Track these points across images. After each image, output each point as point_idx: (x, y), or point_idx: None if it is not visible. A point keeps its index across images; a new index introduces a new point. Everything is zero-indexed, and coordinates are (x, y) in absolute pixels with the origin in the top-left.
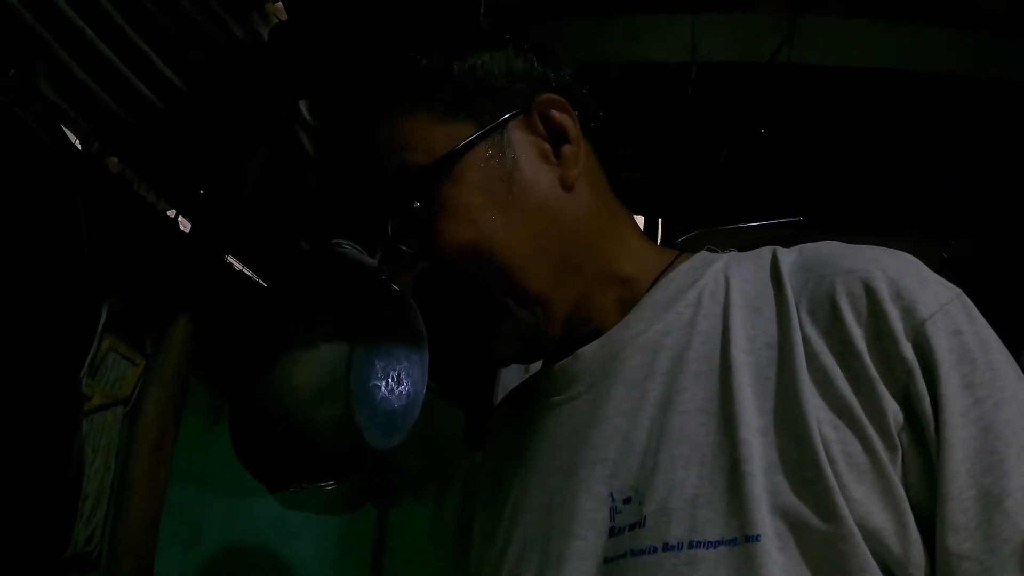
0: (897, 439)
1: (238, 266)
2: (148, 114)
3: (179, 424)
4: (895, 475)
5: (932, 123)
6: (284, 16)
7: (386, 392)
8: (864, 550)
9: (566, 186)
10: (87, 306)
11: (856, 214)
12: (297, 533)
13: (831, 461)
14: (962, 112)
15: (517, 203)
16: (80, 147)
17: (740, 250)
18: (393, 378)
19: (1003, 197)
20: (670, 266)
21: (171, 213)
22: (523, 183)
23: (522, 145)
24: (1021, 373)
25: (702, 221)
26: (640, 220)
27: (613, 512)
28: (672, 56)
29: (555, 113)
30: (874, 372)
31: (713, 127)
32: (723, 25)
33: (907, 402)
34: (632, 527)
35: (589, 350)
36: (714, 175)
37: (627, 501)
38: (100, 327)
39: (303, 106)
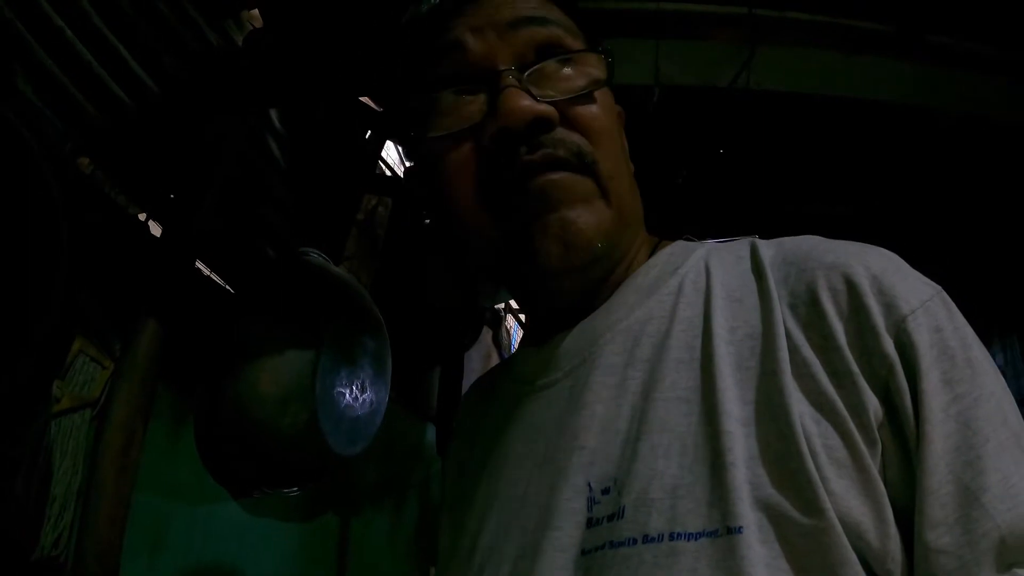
0: (877, 434)
1: (206, 272)
2: (122, 117)
3: (146, 428)
4: (875, 469)
5: (884, 150)
6: (259, 23)
7: (350, 399)
8: (845, 543)
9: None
10: (65, 302)
11: (811, 233)
12: (261, 542)
13: (812, 455)
14: (914, 141)
15: (623, 142)
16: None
17: None
18: (357, 386)
19: (955, 229)
20: (652, 252)
21: (141, 216)
22: (622, 134)
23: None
24: (998, 371)
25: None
26: None
27: (591, 502)
28: (636, 79)
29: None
30: (855, 367)
31: (672, 148)
32: (685, 51)
33: (887, 397)
34: (610, 518)
35: (568, 336)
36: (671, 194)
37: (605, 491)
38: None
39: (273, 114)
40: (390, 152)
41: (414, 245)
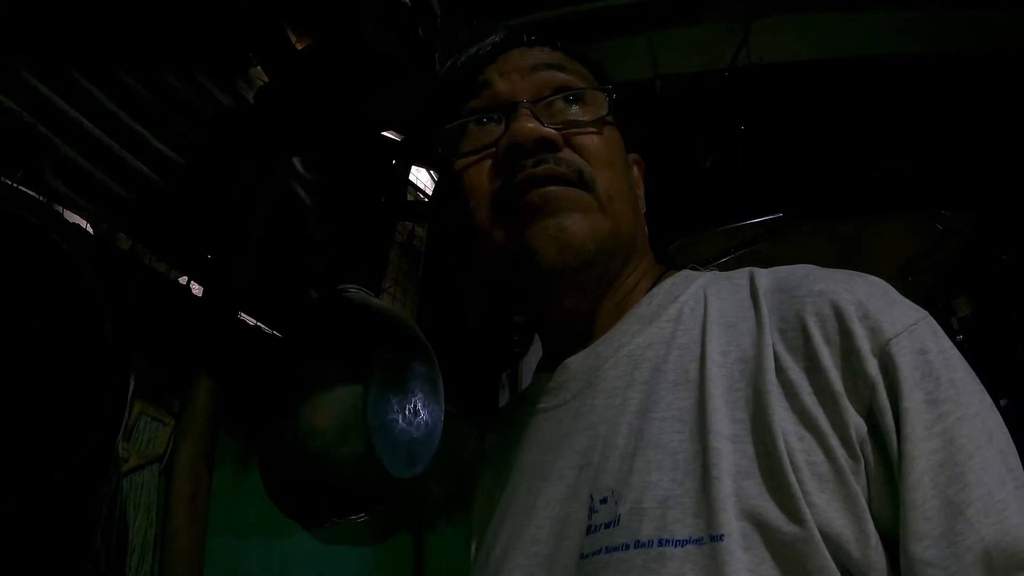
0: (859, 450)
1: (252, 322)
2: (150, 190)
3: (211, 475)
4: (857, 484)
5: (902, 105)
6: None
7: (404, 424)
8: (824, 552)
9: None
10: (116, 382)
11: (843, 200)
12: (337, 568)
13: (795, 468)
14: (930, 91)
15: (626, 173)
16: (90, 230)
17: (735, 249)
18: (410, 410)
19: (988, 169)
20: (656, 282)
21: (183, 280)
22: (627, 166)
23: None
24: (985, 391)
25: (692, 226)
26: None
27: (591, 511)
28: (636, 74)
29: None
30: (839, 387)
31: (691, 135)
32: (679, 38)
33: (871, 416)
34: (608, 525)
35: (575, 360)
36: (700, 182)
37: (604, 501)
38: (130, 396)
39: (296, 161)
40: (421, 177)
41: (451, 263)
